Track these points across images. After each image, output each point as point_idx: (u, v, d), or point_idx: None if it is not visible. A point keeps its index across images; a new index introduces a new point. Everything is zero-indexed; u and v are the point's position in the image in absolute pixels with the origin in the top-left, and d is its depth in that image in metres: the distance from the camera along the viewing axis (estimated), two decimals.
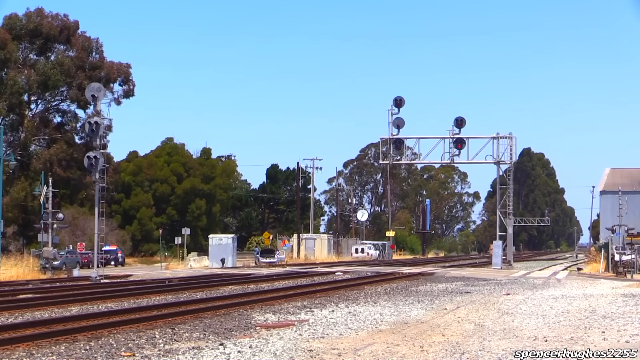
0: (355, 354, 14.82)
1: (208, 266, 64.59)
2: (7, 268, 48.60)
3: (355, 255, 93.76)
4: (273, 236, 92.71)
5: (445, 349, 15.33)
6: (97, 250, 42.35)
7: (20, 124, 76.56)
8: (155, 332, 18.32)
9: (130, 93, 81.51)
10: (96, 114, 42.93)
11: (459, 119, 58.78)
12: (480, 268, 61.64)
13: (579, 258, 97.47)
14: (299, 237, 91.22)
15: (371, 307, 24.94)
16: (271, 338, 17.05)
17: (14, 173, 72.52)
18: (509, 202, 60.64)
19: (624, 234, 51.81)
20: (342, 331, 18.48)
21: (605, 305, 25.87)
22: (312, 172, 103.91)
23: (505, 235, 60.68)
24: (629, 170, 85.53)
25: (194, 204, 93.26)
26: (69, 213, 67.63)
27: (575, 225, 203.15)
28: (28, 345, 15.84)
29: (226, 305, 24.58)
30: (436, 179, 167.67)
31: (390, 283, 39.58)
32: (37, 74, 75.84)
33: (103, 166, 41.57)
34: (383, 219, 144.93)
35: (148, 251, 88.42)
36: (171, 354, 14.92)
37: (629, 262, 48.41)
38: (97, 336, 17.45)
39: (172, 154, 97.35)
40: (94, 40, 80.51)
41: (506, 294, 31.16)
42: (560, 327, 19.18)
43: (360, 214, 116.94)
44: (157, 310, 23.20)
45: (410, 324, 19.94)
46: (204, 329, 18.88)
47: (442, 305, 25.55)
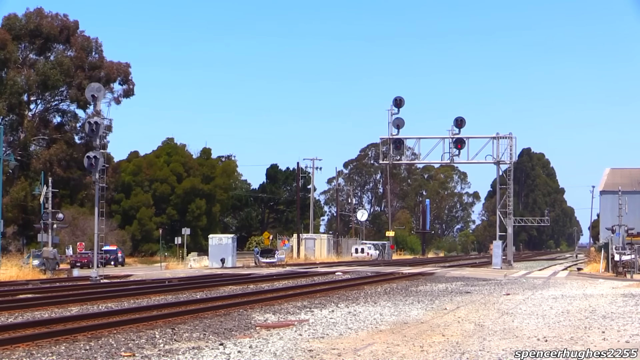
0: (355, 354, 14.81)
1: (208, 266, 64.59)
2: (7, 268, 48.61)
3: (355, 255, 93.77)
4: (273, 236, 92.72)
5: (445, 349, 15.33)
6: (97, 250, 42.34)
7: (20, 124, 76.59)
8: (155, 332, 18.31)
9: (130, 92, 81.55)
10: (96, 114, 42.92)
11: (458, 119, 58.78)
12: (480, 268, 61.64)
13: (579, 258, 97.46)
14: (298, 237, 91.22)
15: (371, 307, 24.94)
16: (271, 338, 17.05)
17: (14, 173, 72.54)
18: (509, 202, 60.63)
19: (623, 234, 51.80)
20: (342, 331, 18.48)
21: (605, 305, 25.87)
22: (312, 172, 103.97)
23: (505, 235, 60.66)
24: (629, 170, 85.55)
25: (194, 204, 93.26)
26: (68, 213, 67.66)
27: (575, 225, 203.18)
28: (28, 345, 15.83)
29: (226, 305, 24.57)
30: (436, 179, 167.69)
31: (390, 283, 39.58)
32: (36, 74, 75.88)
33: (103, 166, 41.56)
34: (383, 219, 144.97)
35: (148, 251, 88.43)
36: (171, 354, 14.91)
37: (629, 262, 48.39)
38: (97, 336, 17.44)
39: (172, 153, 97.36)
40: (93, 40, 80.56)
41: (506, 294, 31.16)
42: (560, 327, 19.17)
43: (360, 214, 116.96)
44: (157, 310, 23.19)
45: (410, 324, 19.94)
46: (204, 329, 18.87)
47: (442, 305, 25.55)
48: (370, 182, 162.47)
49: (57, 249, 52.82)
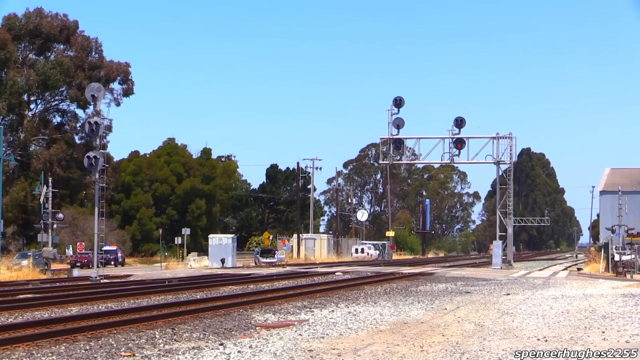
0: (355, 354, 14.81)
1: (208, 266, 64.59)
2: (7, 268, 48.56)
3: (355, 255, 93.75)
4: (273, 236, 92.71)
5: (445, 349, 15.33)
6: (97, 250, 42.33)
7: (20, 124, 76.57)
8: (156, 332, 18.31)
9: (129, 92, 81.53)
10: (96, 114, 42.92)
11: (458, 119, 58.78)
12: (480, 268, 61.63)
13: (578, 258, 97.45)
14: (298, 237, 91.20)
15: (371, 307, 24.94)
16: (271, 338, 17.05)
17: (14, 173, 72.52)
18: (509, 202, 60.63)
19: (623, 234, 51.79)
20: (342, 331, 18.47)
21: (605, 305, 25.87)
22: (312, 172, 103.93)
23: (505, 235, 60.66)
24: (629, 170, 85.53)
25: (194, 204, 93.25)
26: (68, 213, 67.65)
27: (575, 225, 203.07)
28: (28, 345, 15.82)
29: (226, 305, 24.57)
30: (436, 179, 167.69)
31: (390, 283, 39.57)
32: (36, 74, 75.86)
33: (103, 166, 41.55)
34: (383, 219, 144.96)
35: (148, 251, 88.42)
36: (171, 354, 14.91)
37: (629, 262, 48.39)
38: (97, 336, 17.43)
39: (172, 153, 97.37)
40: (93, 40, 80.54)
41: (506, 294, 31.15)
42: (559, 327, 19.17)
43: (360, 214, 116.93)
44: (157, 310, 23.18)
45: (410, 324, 19.93)
46: (204, 329, 18.87)
47: (441, 305, 25.54)
48: (370, 182, 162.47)
49: (57, 249, 52.80)
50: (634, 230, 54.27)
